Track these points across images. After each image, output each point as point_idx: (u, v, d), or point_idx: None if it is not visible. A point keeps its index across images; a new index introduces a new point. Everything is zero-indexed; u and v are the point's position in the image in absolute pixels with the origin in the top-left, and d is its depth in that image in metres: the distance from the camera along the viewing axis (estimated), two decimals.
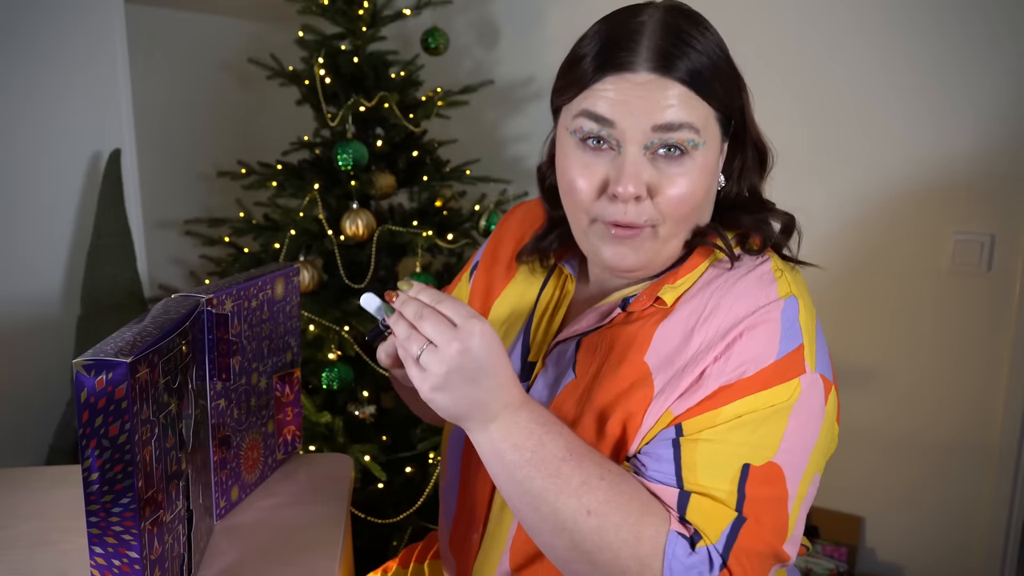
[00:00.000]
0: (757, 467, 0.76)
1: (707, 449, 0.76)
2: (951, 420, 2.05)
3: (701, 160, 0.82)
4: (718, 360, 0.78)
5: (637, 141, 0.80)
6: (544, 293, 0.97)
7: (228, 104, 2.50)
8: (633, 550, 0.73)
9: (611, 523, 0.73)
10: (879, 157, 2.03)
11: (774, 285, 0.82)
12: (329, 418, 1.78)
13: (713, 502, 0.75)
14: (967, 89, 1.93)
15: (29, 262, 1.90)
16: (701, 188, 0.83)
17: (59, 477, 1.08)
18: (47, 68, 1.88)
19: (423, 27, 2.15)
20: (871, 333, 2.10)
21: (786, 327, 0.79)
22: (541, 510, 0.74)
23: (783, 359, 0.78)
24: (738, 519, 0.74)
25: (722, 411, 0.77)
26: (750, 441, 0.76)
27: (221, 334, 0.89)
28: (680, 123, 0.79)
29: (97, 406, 0.66)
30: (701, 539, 0.73)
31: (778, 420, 0.77)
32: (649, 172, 0.81)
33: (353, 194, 1.94)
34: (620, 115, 0.80)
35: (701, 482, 0.76)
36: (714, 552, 0.73)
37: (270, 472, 1.07)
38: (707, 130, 0.82)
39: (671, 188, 0.81)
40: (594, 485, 0.73)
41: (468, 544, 0.95)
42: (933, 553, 2.11)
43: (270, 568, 0.86)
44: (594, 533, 0.73)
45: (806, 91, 2.07)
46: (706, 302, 0.82)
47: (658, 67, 0.79)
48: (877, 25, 1.99)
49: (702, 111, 0.81)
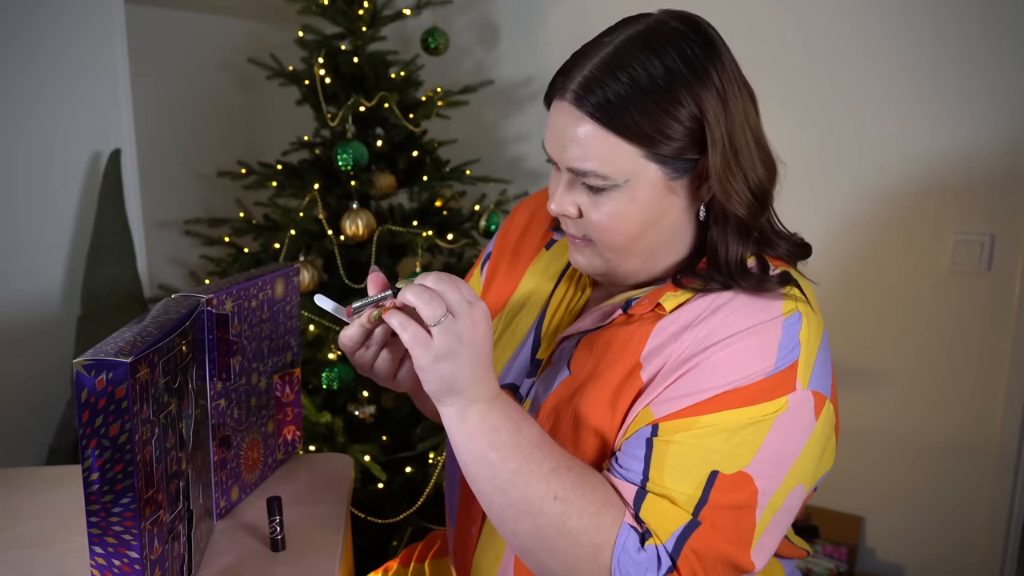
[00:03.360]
0: (726, 475, 0.75)
1: (677, 452, 0.76)
2: (951, 420, 2.05)
3: (627, 195, 0.80)
4: (699, 368, 0.78)
5: (566, 169, 0.83)
6: (558, 291, 0.98)
7: (228, 104, 2.50)
8: (591, 537, 0.74)
9: (575, 509, 0.74)
10: (879, 157, 2.03)
11: (779, 301, 0.80)
12: (329, 418, 1.78)
13: (669, 503, 0.75)
14: (967, 89, 1.93)
15: (29, 262, 1.90)
16: (634, 216, 0.82)
17: (59, 477, 1.08)
18: (47, 68, 1.88)
19: (423, 27, 2.15)
20: (871, 333, 2.10)
21: (784, 343, 0.78)
22: (510, 493, 0.75)
23: (774, 376, 0.77)
24: (691, 523, 0.74)
25: (701, 419, 0.77)
26: (723, 449, 0.76)
27: (221, 334, 0.89)
28: (584, 171, 0.81)
29: (97, 406, 0.66)
30: (651, 537, 0.74)
31: (757, 431, 0.76)
32: (578, 194, 0.84)
33: (353, 194, 1.94)
34: (551, 148, 0.84)
35: (665, 483, 0.76)
36: (663, 552, 0.74)
37: (270, 472, 1.07)
38: (629, 169, 0.79)
39: (594, 215, 0.83)
40: (563, 473, 0.76)
41: (468, 538, 0.96)
42: (933, 553, 2.11)
43: (270, 568, 0.86)
44: (558, 518, 0.74)
45: (806, 93, 2.07)
46: (706, 306, 0.82)
47: (574, 101, 0.79)
48: (876, 27, 1.99)
49: (612, 150, 0.78)
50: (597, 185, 0.81)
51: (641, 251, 0.85)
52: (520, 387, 0.95)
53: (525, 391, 0.94)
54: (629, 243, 0.84)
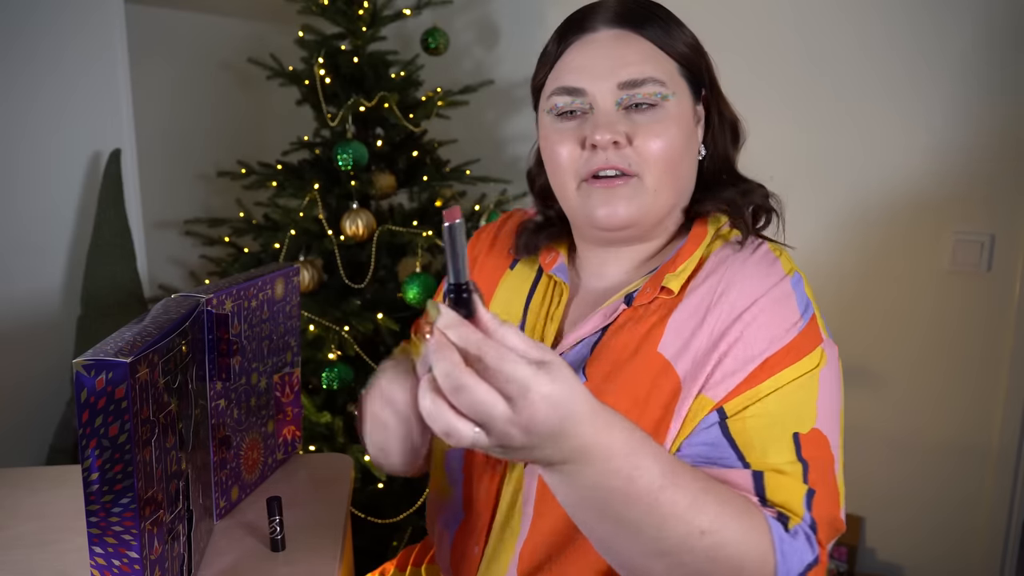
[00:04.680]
0: (805, 435, 0.76)
1: (757, 425, 0.76)
2: (951, 420, 2.05)
3: (674, 111, 0.85)
4: (740, 340, 0.79)
5: (608, 99, 0.84)
6: (532, 303, 0.95)
7: (228, 104, 2.50)
8: (752, 553, 0.68)
9: (727, 538, 0.67)
10: (879, 157, 2.03)
11: (778, 263, 0.85)
12: (329, 418, 1.78)
13: (786, 477, 0.74)
14: (967, 89, 1.93)
15: (29, 262, 1.90)
16: (678, 138, 0.85)
17: (59, 477, 1.08)
18: (47, 68, 1.88)
19: (423, 27, 2.15)
20: (871, 333, 2.10)
21: (799, 300, 0.82)
22: (638, 539, 0.65)
23: (804, 330, 0.80)
24: (808, 491, 0.74)
25: (761, 387, 0.77)
26: (792, 410, 0.76)
27: (221, 334, 0.89)
28: (644, 79, 0.84)
29: (97, 406, 0.66)
30: (790, 519, 0.72)
31: (810, 387, 0.78)
32: (624, 123, 0.84)
33: (353, 194, 1.94)
34: (587, 81, 0.85)
35: (767, 460, 0.74)
36: (807, 530, 0.72)
37: (270, 472, 1.07)
38: (674, 83, 0.86)
39: (647, 135, 0.84)
40: (702, 502, 0.65)
41: (469, 557, 0.92)
42: (933, 553, 2.11)
43: (270, 568, 0.86)
44: (711, 550, 0.66)
45: (805, 93, 2.07)
46: (715, 286, 0.83)
47: (618, 23, 0.85)
48: (876, 26, 1.99)
49: (666, 65, 0.86)
50: (650, 98, 0.84)
51: (677, 182, 0.87)
52: None
53: None
54: (675, 167, 0.86)
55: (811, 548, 0.71)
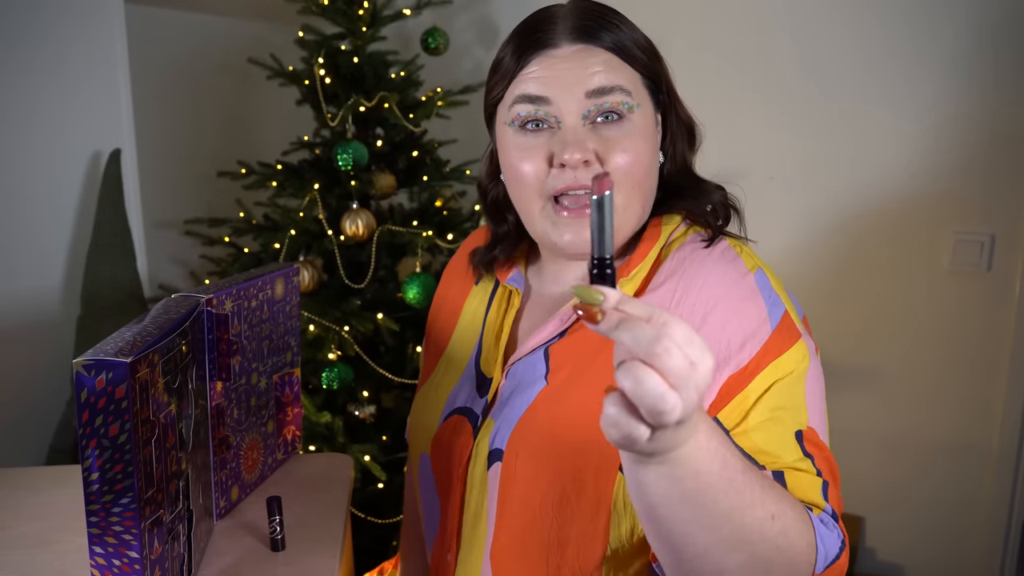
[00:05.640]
0: (804, 431, 0.76)
1: (762, 435, 0.75)
2: (950, 420, 2.05)
3: (640, 122, 0.83)
4: (712, 345, 0.76)
5: (574, 112, 0.82)
6: (492, 309, 0.96)
7: (228, 104, 2.50)
8: (806, 539, 0.67)
9: (790, 519, 0.65)
10: (878, 158, 2.03)
11: (739, 260, 0.83)
12: (329, 418, 1.78)
13: (803, 473, 0.74)
14: (967, 89, 1.93)
15: (29, 262, 1.91)
16: (646, 153, 0.84)
17: (59, 477, 1.08)
18: (48, 69, 1.88)
19: (423, 27, 2.15)
20: (871, 333, 2.10)
21: (766, 296, 0.80)
22: (722, 531, 0.61)
23: (779, 327, 0.78)
24: (824, 483, 0.74)
25: (748, 391, 0.76)
26: (788, 408, 0.76)
27: (221, 334, 0.89)
28: (611, 86, 0.82)
29: (97, 406, 0.66)
30: (813, 511, 0.72)
31: (797, 386, 0.77)
32: (593, 139, 0.82)
33: (353, 194, 1.94)
34: (552, 90, 0.82)
35: (782, 460, 0.74)
36: (830, 518, 0.72)
37: (270, 472, 1.07)
38: (638, 93, 0.84)
39: (617, 151, 0.82)
40: (767, 486, 0.64)
41: (444, 565, 0.93)
42: (933, 552, 2.11)
43: (270, 568, 0.86)
44: (780, 536, 0.64)
45: (804, 93, 2.07)
46: (674, 288, 0.82)
47: (580, 38, 0.83)
48: (875, 26, 1.99)
49: (629, 75, 0.84)
50: (618, 108, 0.82)
51: (645, 196, 0.85)
52: (472, 408, 0.91)
53: (479, 410, 0.90)
54: (642, 182, 0.84)
55: (838, 535, 0.72)
